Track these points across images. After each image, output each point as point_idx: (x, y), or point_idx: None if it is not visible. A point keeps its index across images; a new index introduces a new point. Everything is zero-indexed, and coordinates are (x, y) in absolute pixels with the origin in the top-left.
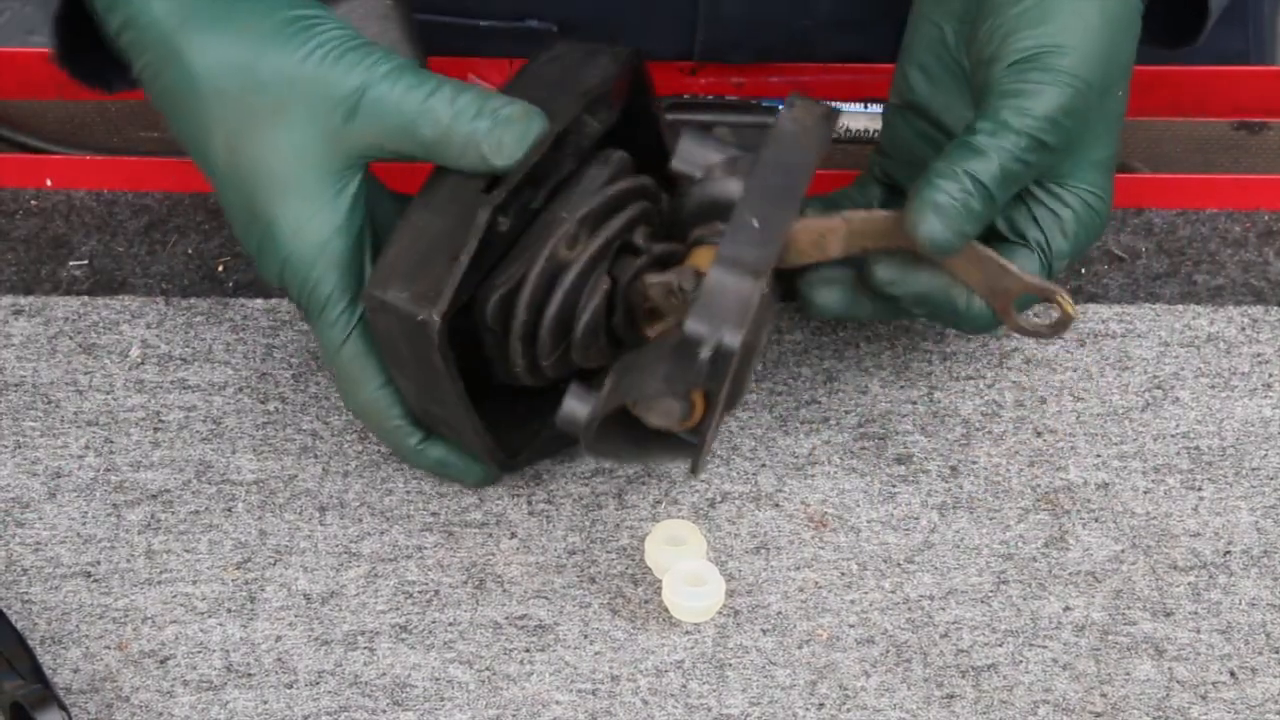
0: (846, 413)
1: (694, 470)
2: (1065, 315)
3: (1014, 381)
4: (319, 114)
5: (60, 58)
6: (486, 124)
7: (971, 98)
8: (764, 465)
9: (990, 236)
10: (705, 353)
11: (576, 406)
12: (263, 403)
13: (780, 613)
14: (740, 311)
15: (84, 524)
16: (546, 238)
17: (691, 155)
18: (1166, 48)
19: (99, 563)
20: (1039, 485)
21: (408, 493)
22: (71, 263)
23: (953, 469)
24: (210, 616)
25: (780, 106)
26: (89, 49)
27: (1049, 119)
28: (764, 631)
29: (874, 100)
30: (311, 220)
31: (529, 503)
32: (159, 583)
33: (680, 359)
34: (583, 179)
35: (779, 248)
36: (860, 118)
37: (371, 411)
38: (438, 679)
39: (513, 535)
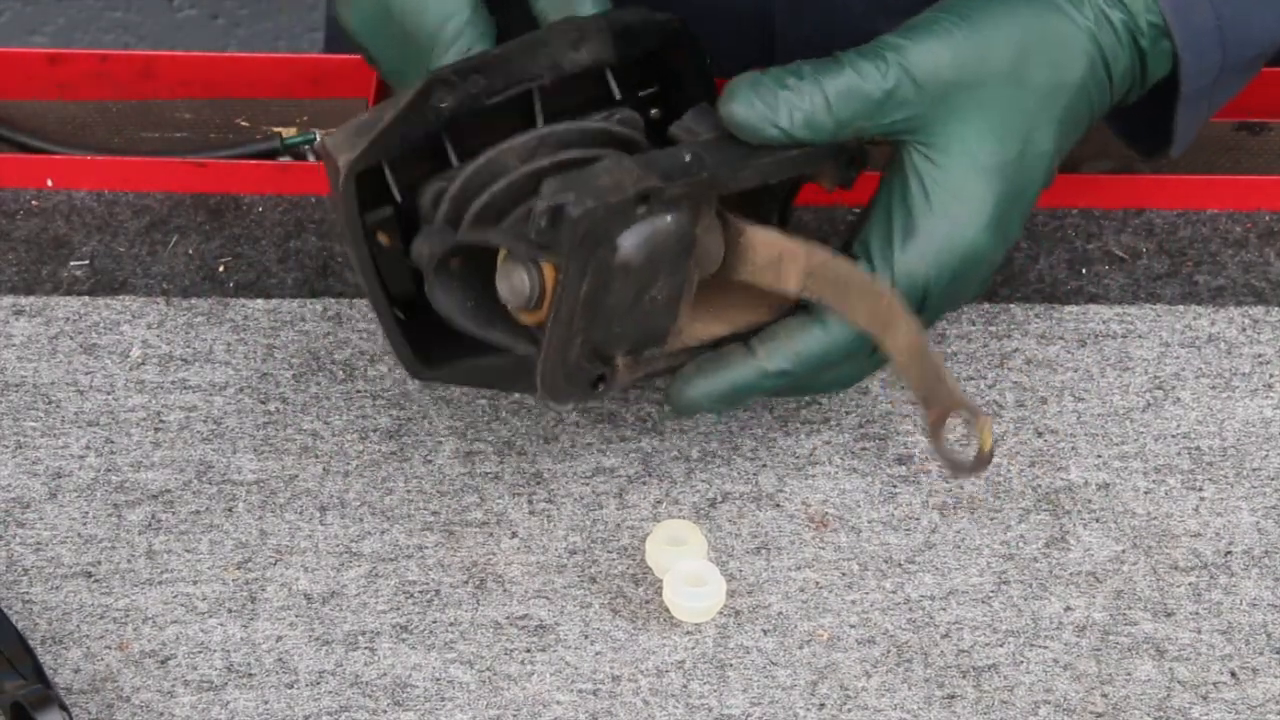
0: (847, 413)
1: (539, 388)
2: (981, 449)
3: (1015, 382)
4: None
5: None
6: None
7: None
8: (765, 465)
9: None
10: (542, 205)
11: (424, 241)
12: (263, 403)
13: (781, 613)
14: (604, 191)
15: (85, 524)
16: (503, 145)
17: (689, 125)
18: (1142, 156)
19: (100, 563)
20: (1040, 486)
21: (408, 492)
22: (72, 263)
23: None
24: (211, 616)
25: None
26: None
27: (922, 65)
28: (765, 632)
29: None
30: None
31: (529, 502)
32: (160, 583)
33: (526, 217)
34: (580, 115)
35: (701, 182)
36: None
37: None
38: (438, 679)
39: (513, 535)
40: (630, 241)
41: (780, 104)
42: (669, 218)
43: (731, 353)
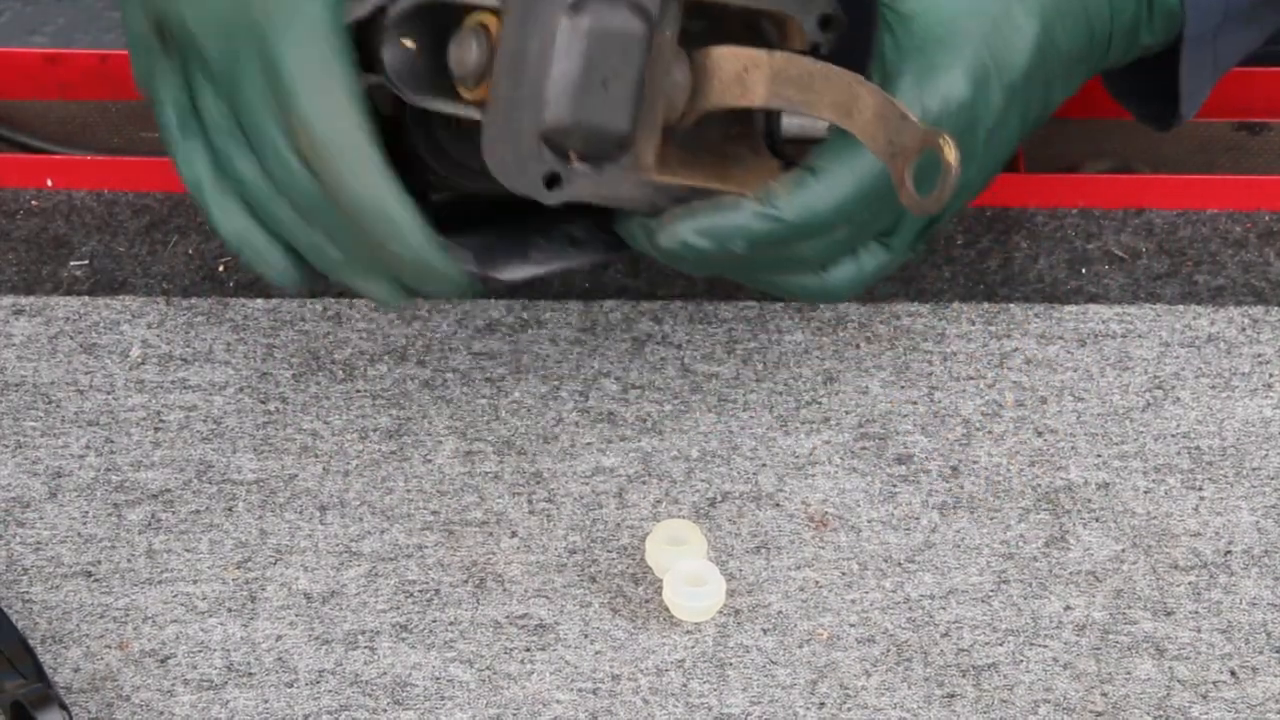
0: (847, 413)
1: (485, 158)
2: (945, 165)
3: (1014, 382)
4: None
5: None
6: None
7: None
8: (764, 465)
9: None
10: None
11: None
12: (263, 403)
13: (781, 612)
14: None
15: (84, 524)
16: None
17: None
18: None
19: (99, 562)
20: (1039, 485)
21: (408, 492)
22: (72, 263)
23: (953, 469)
24: (211, 616)
25: None
26: None
27: None
28: (764, 631)
29: None
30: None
31: (529, 502)
32: (159, 582)
33: None
34: None
35: None
36: None
37: (339, 120)
38: (438, 678)
39: (513, 534)
40: (576, 2)
41: None
42: (662, 32)
43: (723, 196)
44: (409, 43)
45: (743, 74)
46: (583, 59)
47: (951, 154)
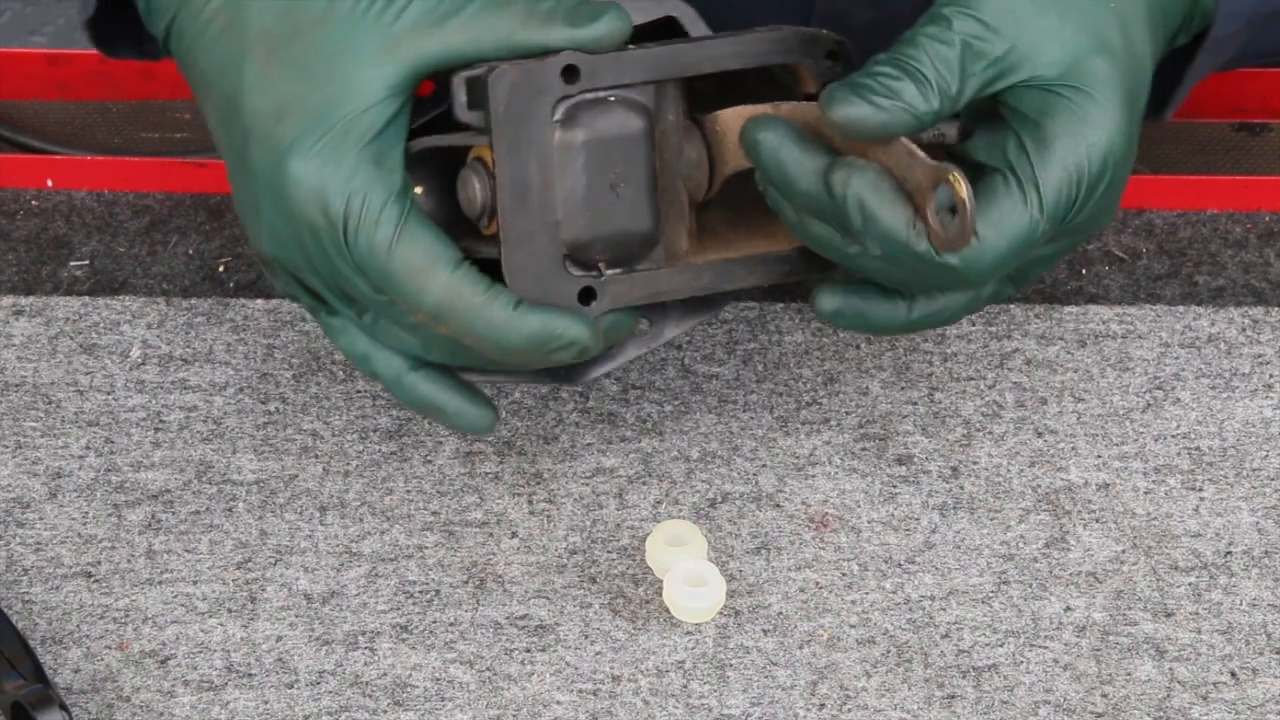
0: (847, 413)
1: (508, 283)
2: (959, 201)
3: (1015, 382)
4: (363, 14)
5: (100, 44)
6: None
7: None
8: (765, 466)
9: (968, 166)
10: (458, 79)
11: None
12: (263, 403)
13: (781, 613)
14: (527, 64)
15: (85, 524)
16: None
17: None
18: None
19: (100, 563)
20: (1040, 486)
21: (408, 492)
22: (72, 263)
23: (953, 470)
24: (211, 616)
25: None
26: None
27: (989, 6)
28: (765, 632)
29: None
30: (351, 127)
31: (529, 502)
32: (160, 583)
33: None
34: None
35: (641, 61)
36: None
37: (453, 299)
38: (438, 679)
39: (513, 535)
40: (565, 116)
41: (881, 94)
42: (610, 97)
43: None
44: (419, 190)
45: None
46: (585, 172)
47: (963, 189)
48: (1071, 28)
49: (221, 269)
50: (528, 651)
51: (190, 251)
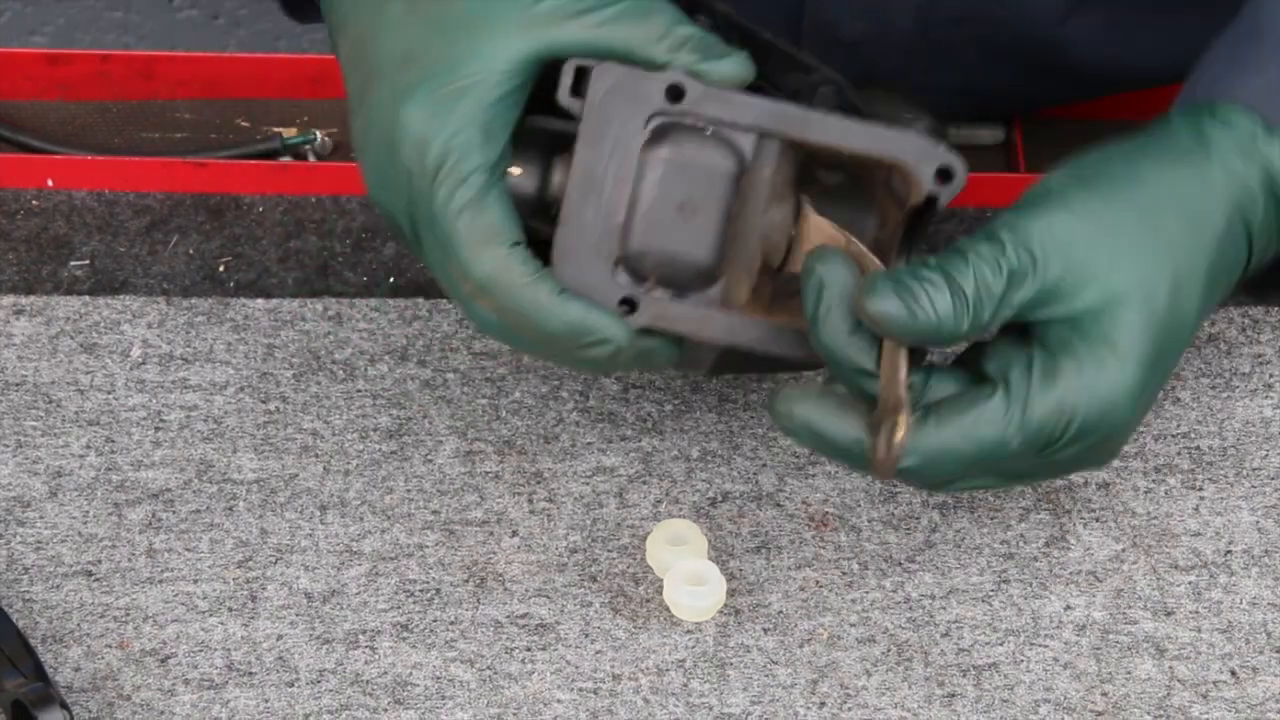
0: None
1: (553, 259)
2: (892, 443)
3: None
4: None
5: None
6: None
7: None
8: (765, 465)
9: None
10: (568, 65)
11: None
12: (263, 402)
13: (781, 612)
14: (635, 73)
15: (85, 523)
16: None
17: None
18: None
19: (100, 562)
20: (1040, 485)
21: (408, 492)
22: (72, 263)
23: None
24: (211, 615)
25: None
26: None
27: (1040, 238)
28: (765, 631)
29: None
30: (471, 90)
31: (530, 501)
32: (160, 582)
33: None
34: None
35: (749, 107)
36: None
37: (503, 269)
38: (439, 678)
39: (514, 534)
40: (657, 130)
41: (919, 301)
42: (709, 130)
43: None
44: (516, 170)
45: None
46: (658, 187)
47: (897, 436)
48: (1120, 274)
49: (221, 269)
50: (528, 650)
51: (190, 251)
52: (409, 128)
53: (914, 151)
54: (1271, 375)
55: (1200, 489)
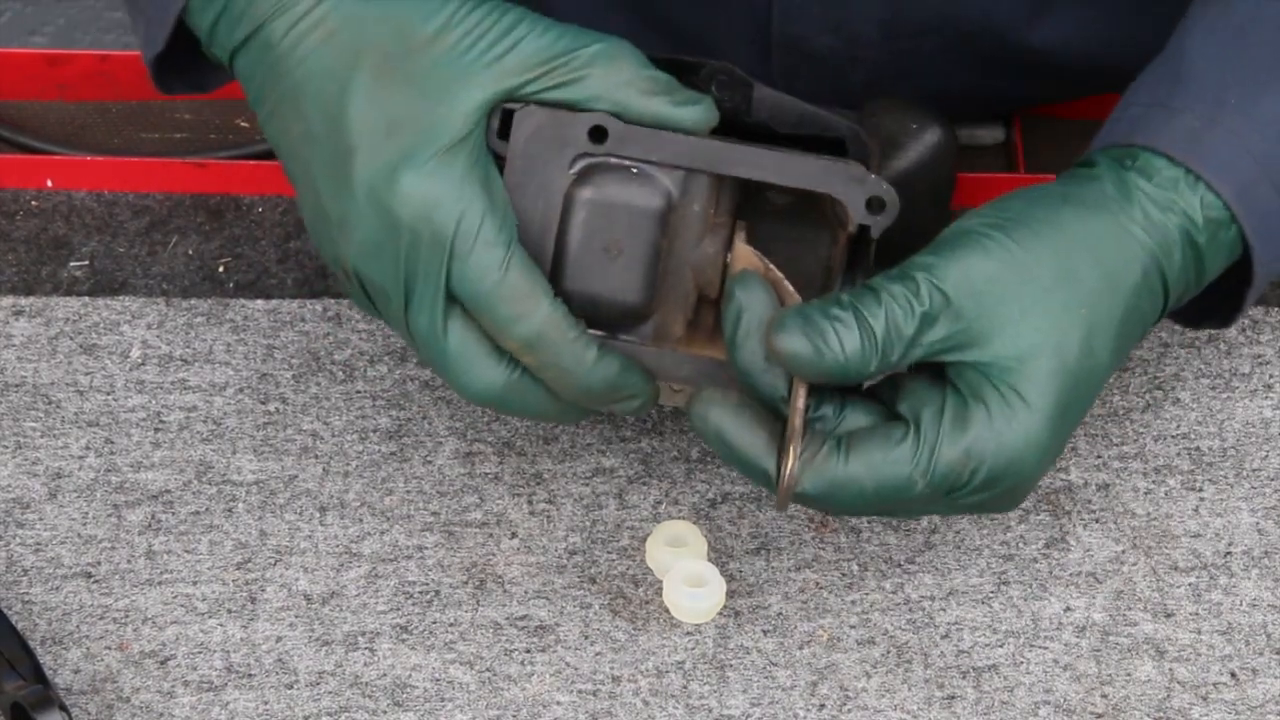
0: None
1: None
2: (782, 475)
3: None
4: (475, 42)
5: (160, 81)
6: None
7: None
8: None
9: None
10: (503, 106)
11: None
12: (263, 403)
13: (781, 613)
14: (558, 116)
15: (84, 524)
16: None
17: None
18: (1193, 326)
19: (99, 563)
20: (1039, 486)
21: (408, 493)
22: (72, 263)
23: None
24: (211, 617)
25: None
26: (182, 65)
27: (956, 282)
28: (765, 632)
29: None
30: (461, 148)
31: (529, 503)
32: (159, 583)
33: None
34: None
35: (676, 147)
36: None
37: (550, 330)
38: (438, 680)
39: (513, 535)
40: (584, 170)
41: (827, 340)
42: (634, 169)
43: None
44: None
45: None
46: (583, 229)
47: (785, 467)
48: (1031, 325)
49: (221, 269)
50: (528, 652)
51: (190, 251)
52: (410, 197)
53: (842, 183)
54: (1271, 376)
55: (1200, 490)
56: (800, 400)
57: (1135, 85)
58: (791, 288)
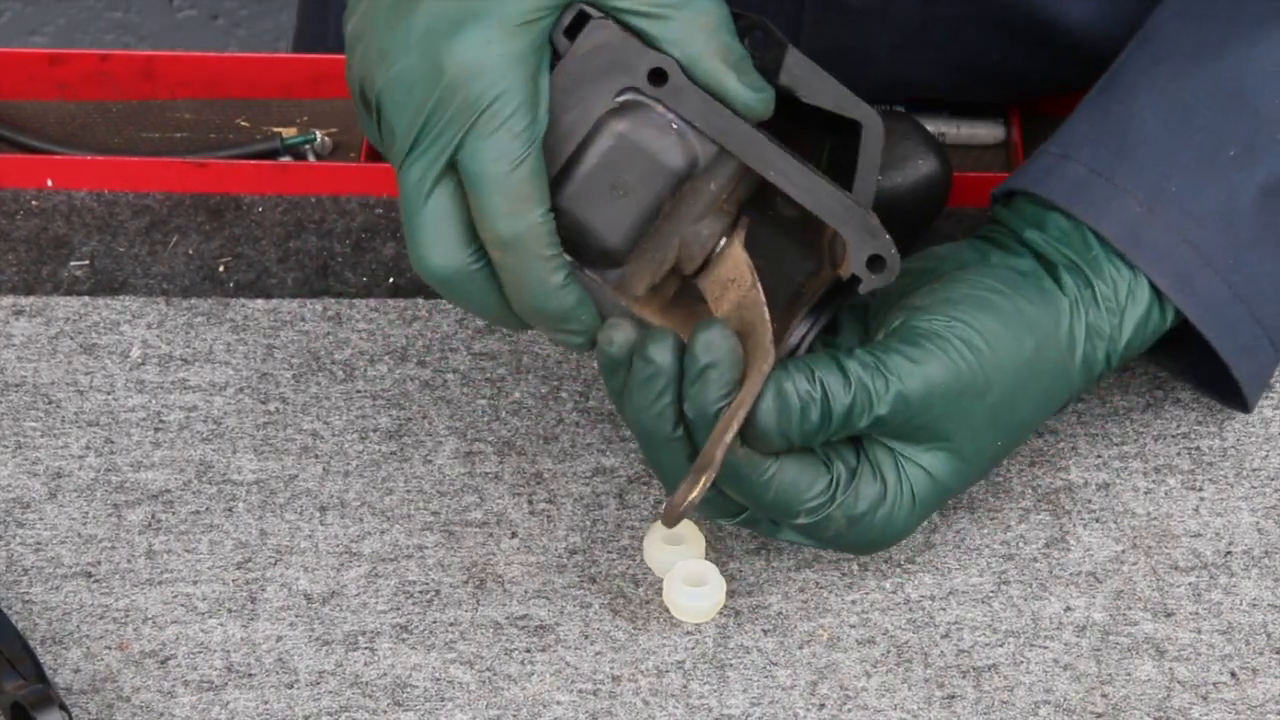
0: None
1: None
2: (676, 500)
3: None
4: None
5: None
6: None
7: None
8: None
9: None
10: (581, 6)
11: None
12: (263, 403)
13: (781, 613)
14: (630, 43)
15: (85, 524)
16: None
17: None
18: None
19: (100, 563)
20: (1040, 485)
21: (408, 492)
22: (72, 263)
23: None
24: (211, 617)
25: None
26: None
27: (921, 392)
28: (765, 632)
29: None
30: (527, 30)
31: (530, 502)
32: (160, 583)
33: None
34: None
35: (707, 116)
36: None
37: (531, 239)
38: (438, 679)
39: (513, 535)
40: (626, 103)
41: (792, 423)
42: (675, 125)
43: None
44: None
45: (729, 282)
46: (599, 158)
47: (692, 493)
48: (963, 438)
49: (221, 269)
50: (528, 651)
51: (190, 251)
52: (461, 55)
53: (856, 229)
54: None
55: (1200, 489)
56: (729, 436)
57: (1076, 131)
58: (767, 316)
